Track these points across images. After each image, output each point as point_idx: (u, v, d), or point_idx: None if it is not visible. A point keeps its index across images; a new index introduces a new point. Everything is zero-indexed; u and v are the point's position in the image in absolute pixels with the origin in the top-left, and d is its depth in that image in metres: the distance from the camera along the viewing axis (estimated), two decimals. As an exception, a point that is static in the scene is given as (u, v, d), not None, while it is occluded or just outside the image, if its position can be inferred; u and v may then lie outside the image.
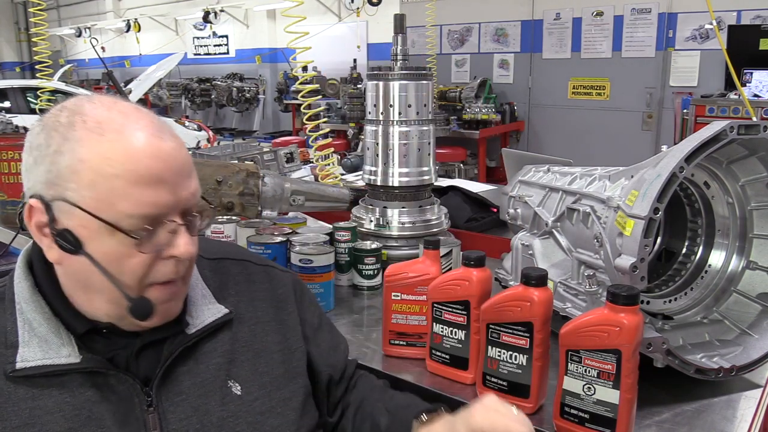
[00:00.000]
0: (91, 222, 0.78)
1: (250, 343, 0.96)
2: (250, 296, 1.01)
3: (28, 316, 0.84)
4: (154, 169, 0.79)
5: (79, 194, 0.78)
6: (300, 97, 2.57)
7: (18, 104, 7.56)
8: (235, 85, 10.03)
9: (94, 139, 0.78)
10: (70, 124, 0.79)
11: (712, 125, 1.03)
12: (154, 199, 0.79)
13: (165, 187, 0.80)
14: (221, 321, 0.93)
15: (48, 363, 0.81)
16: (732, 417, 1.05)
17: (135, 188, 0.78)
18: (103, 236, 0.79)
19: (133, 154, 0.78)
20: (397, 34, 1.77)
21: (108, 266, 0.80)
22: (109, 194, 0.78)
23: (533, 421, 1.03)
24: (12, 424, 0.78)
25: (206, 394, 0.88)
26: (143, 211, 0.79)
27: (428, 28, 6.54)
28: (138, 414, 0.84)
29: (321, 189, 1.97)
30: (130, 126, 0.80)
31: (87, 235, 0.79)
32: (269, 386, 0.94)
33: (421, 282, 1.24)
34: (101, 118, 0.79)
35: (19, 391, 0.80)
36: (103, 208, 0.78)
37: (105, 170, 0.77)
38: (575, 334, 0.96)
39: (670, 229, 1.34)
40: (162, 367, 0.86)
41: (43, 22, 4.16)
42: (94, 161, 0.77)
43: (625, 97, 6.49)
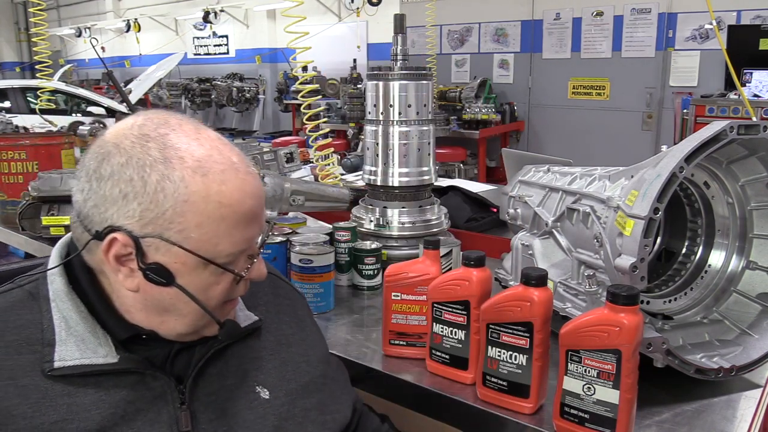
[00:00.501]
0: (189, 258, 0.81)
1: (277, 351, 0.99)
2: (277, 309, 1.05)
3: (65, 314, 0.84)
4: (255, 208, 0.84)
5: (183, 235, 0.80)
6: (300, 97, 2.57)
7: (18, 104, 7.55)
8: (235, 85, 10.02)
9: (198, 181, 0.79)
10: (166, 161, 0.79)
11: (712, 125, 1.03)
12: (250, 236, 0.85)
13: (258, 222, 0.86)
14: (251, 327, 0.97)
15: (86, 363, 0.82)
16: (732, 417, 1.05)
17: (237, 229, 0.82)
18: (197, 269, 0.82)
19: (240, 199, 0.82)
20: (397, 34, 1.77)
21: (197, 294, 0.83)
22: (214, 235, 0.81)
23: (533, 421, 1.04)
24: (50, 419, 0.79)
25: (234, 396, 0.91)
26: (241, 248, 0.84)
27: (428, 28, 6.54)
28: (171, 411, 0.85)
29: (321, 189, 1.97)
30: (229, 166, 0.82)
31: (182, 270, 0.82)
32: (294, 394, 0.96)
33: (421, 282, 1.24)
34: (198, 156, 0.80)
35: (56, 388, 0.81)
36: (204, 247, 0.81)
37: (212, 213, 0.80)
38: (575, 334, 0.96)
39: (670, 229, 1.34)
40: (196, 367, 0.88)
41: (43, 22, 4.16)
42: (200, 204, 0.79)
43: (625, 97, 6.49)
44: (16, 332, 0.83)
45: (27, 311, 0.85)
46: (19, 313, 0.85)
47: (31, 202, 2.02)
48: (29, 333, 0.83)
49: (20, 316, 0.84)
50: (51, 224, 1.96)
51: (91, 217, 0.82)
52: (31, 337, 0.83)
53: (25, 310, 0.85)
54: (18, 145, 2.26)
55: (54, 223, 1.96)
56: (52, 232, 1.97)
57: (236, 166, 0.83)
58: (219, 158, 0.82)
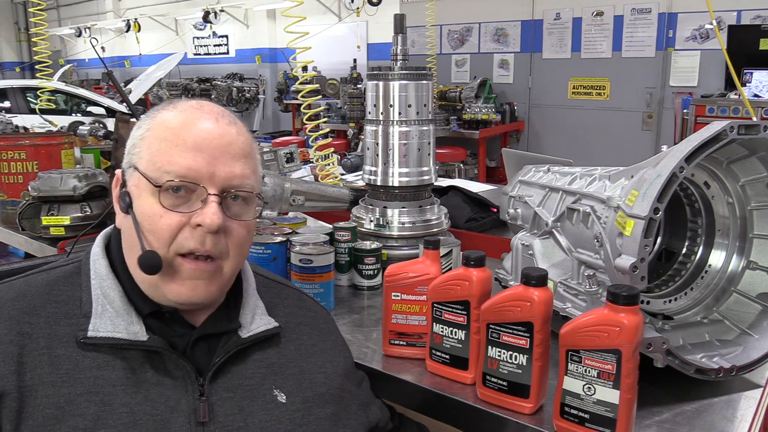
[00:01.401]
0: (141, 180, 0.88)
1: (296, 360, 1.01)
2: (299, 320, 1.08)
3: (105, 291, 0.90)
4: (197, 138, 0.88)
5: (139, 156, 0.90)
6: (300, 97, 2.57)
7: (18, 104, 7.56)
8: (235, 85, 10.03)
9: (164, 112, 0.91)
10: (159, 108, 0.93)
11: (712, 125, 1.03)
12: (189, 163, 0.87)
13: (202, 156, 0.88)
14: (271, 332, 0.99)
15: (118, 336, 0.87)
16: (732, 417, 1.05)
17: (175, 149, 0.88)
18: (146, 195, 0.88)
19: (183, 123, 0.89)
20: (397, 34, 1.77)
21: (143, 224, 0.88)
22: (156, 154, 0.88)
23: (533, 421, 1.04)
24: (77, 390, 0.83)
25: (252, 396, 0.93)
26: (178, 171, 0.87)
27: (428, 28, 6.55)
28: (190, 401, 0.88)
29: (321, 189, 1.97)
30: (196, 107, 0.92)
31: (136, 194, 0.89)
32: (310, 401, 0.98)
33: (421, 282, 1.24)
34: (180, 102, 0.93)
35: (86, 360, 0.85)
36: (150, 167, 0.88)
37: (159, 134, 0.89)
38: (575, 334, 0.96)
39: (670, 229, 1.34)
40: (218, 362, 0.91)
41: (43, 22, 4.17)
42: (156, 128, 0.90)
43: (625, 97, 6.49)
44: (57, 306, 0.89)
45: (69, 287, 0.92)
46: (62, 288, 0.91)
47: (31, 202, 2.02)
48: (69, 308, 0.89)
49: (62, 291, 0.90)
50: (51, 224, 1.96)
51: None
52: (70, 311, 0.88)
53: (68, 286, 0.92)
54: (18, 145, 2.26)
55: (54, 223, 1.96)
56: (52, 232, 1.97)
57: (203, 108, 0.93)
58: (193, 104, 0.93)
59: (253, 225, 0.97)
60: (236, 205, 0.92)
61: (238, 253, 0.94)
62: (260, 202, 0.96)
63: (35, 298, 0.89)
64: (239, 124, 0.94)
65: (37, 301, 0.88)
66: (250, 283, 1.04)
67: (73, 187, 1.96)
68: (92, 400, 0.83)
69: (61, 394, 0.82)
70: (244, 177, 0.92)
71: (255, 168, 0.95)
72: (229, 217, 0.91)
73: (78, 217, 1.97)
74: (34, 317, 0.86)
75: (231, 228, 0.91)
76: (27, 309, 0.87)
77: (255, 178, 0.95)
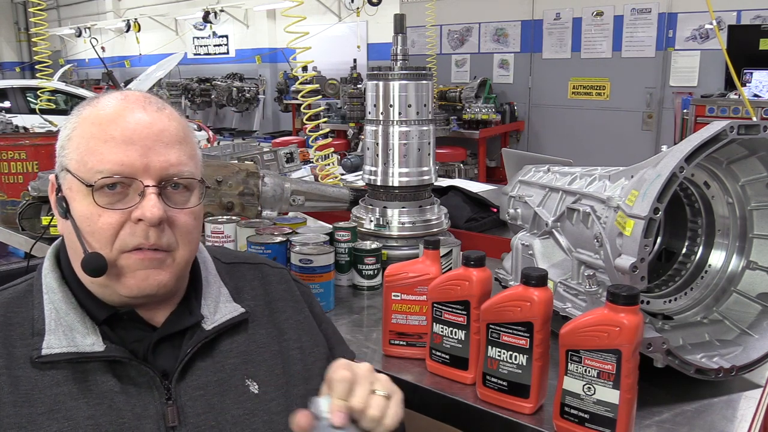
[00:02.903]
0: (74, 182, 0.85)
1: (267, 344, 0.98)
2: (267, 298, 1.03)
3: (56, 305, 0.87)
4: (126, 131, 0.84)
5: (68, 158, 0.86)
6: (300, 97, 2.58)
7: (18, 104, 7.56)
8: (235, 85, 10.02)
9: (88, 109, 0.87)
10: (83, 104, 0.88)
11: (712, 125, 1.03)
12: (120, 158, 0.83)
13: (134, 149, 0.84)
14: (238, 320, 0.96)
15: (73, 350, 0.84)
16: (732, 417, 1.05)
17: (105, 146, 0.84)
18: (81, 197, 0.85)
19: (109, 117, 0.85)
20: (397, 34, 1.77)
21: (82, 226, 0.85)
22: (86, 153, 0.84)
23: (533, 421, 1.04)
24: (38, 410, 0.81)
25: (223, 391, 0.90)
26: (110, 168, 0.83)
27: (428, 28, 6.55)
28: (158, 406, 0.85)
29: (321, 189, 1.97)
30: (120, 99, 0.88)
31: (72, 197, 0.86)
32: (286, 386, 0.95)
33: (421, 282, 1.24)
34: (103, 96, 0.88)
35: (45, 379, 0.83)
36: (81, 168, 0.84)
37: (86, 131, 0.85)
38: (575, 334, 0.96)
39: (670, 229, 1.34)
40: (182, 361, 0.88)
41: (43, 22, 4.17)
42: (81, 126, 0.86)
43: (625, 97, 6.49)
44: (12, 328, 0.86)
45: (23, 308, 0.88)
46: (15, 310, 0.88)
47: (31, 202, 2.02)
48: (23, 329, 0.86)
49: (17, 314, 0.88)
50: (51, 224, 1.96)
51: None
52: (24, 332, 0.86)
53: (21, 307, 0.88)
54: (18, 145, 2.26)
55: (54, 223, 1.96)
56: (52, 232, 1.96)
57: (128, 98, 0.88)
58: (117, 95, 0.89)
59: (199, 211, 0.92)
60: (177, 193, 0.88)
61: (188, 241, 0.89)
62: (202, 186, 0.91)
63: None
64: (169, 109, 0.90)
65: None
66: (210, 270, 0.99)
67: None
68: (54, 418, 0.80)
69: (21, 414, 0.79)
70: (181, 164, 0.87)
71: (192, 153, 0.90)
72: (171, 206, 0.87)
73: (78, 217, 1.97)
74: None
75: (175, 218, 0.87)
76: None
77: (194, 164, 0.90)
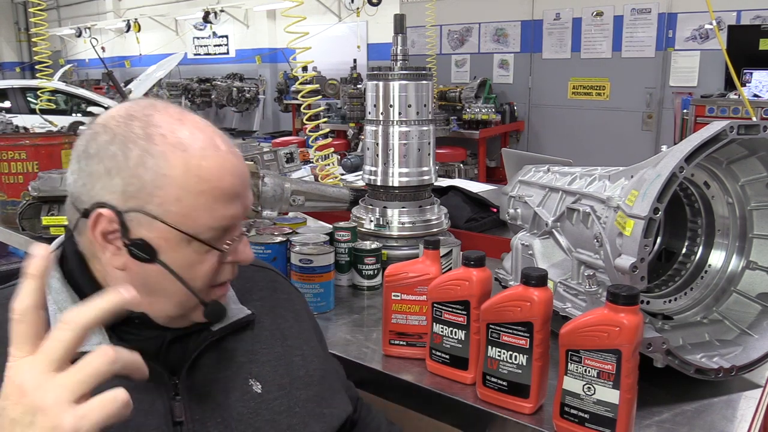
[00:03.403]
0: (171, 233, 0.82)
1: (271, 346, 1.00)
2: (272, 303, 1.06)
3: (60, 305, 0.86)
4: (236, 186, 0.85)
5: (163, 208, 0.81)
6: (300, 97, 2.57)
7: (18, 104, 7.56)
8: (235, 85, 10.02)
9: (178, 155, 0.81)
10: (149, 137, 0.81)
11: (712, 125, 1.03)
12: (232, 213, 0.85)
13: (240, 201, 0.87)
14: (244, 321, 0.97)
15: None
16: (732, 417, 1.05)
17: (217, 204, 0.83)
18: (180, 246, 0.83)
19: (214, 172, 0.83)
20: (397, 34, 1.77)
21: (181, 273, 0.84)
22: (193, 209, 0.82)
23: (533, 421, 1.04)
24: None
25: (228, 389, 0.91)
26: (222, 224, 0.85)
27: (428, 28, 6.55)
28: (165, 401, 0.86)
29: (321, 189, 1.97)
30: (210, 143, 0.84)
31: (164, 246, 0.83)
32: (288, 387, 0.97)
33: (421, 282, 1.24)
34: (180, 134, 0.83)
35: None
36: (185, 221, 0.82)
37: (192, 187, 0.81)
38: (575, 334, 0.96)
39: (670, 229, 1.34)
40: (190, 359, 0.89)
41: (43, 22, 4.16)
42: (180, 178, 0.81)
43: (625, 97, 6.49)
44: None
45: None
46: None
47: (31, 202, 2.02)
48: None
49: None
50: (51, 224, 1.96)
51: (80, 196, 0.84)
52: None
53: None
54: (18, 145, 2.26)
55: (54, 223, 1.96)
56: (52, 232, 1.97)
57: (217, 144, 0.86)
58: (200, 136, 0.84)
59: None
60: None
61: None
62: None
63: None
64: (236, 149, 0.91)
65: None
66: None
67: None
68: None
69: None
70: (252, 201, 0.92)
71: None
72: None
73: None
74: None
75: None
76: None
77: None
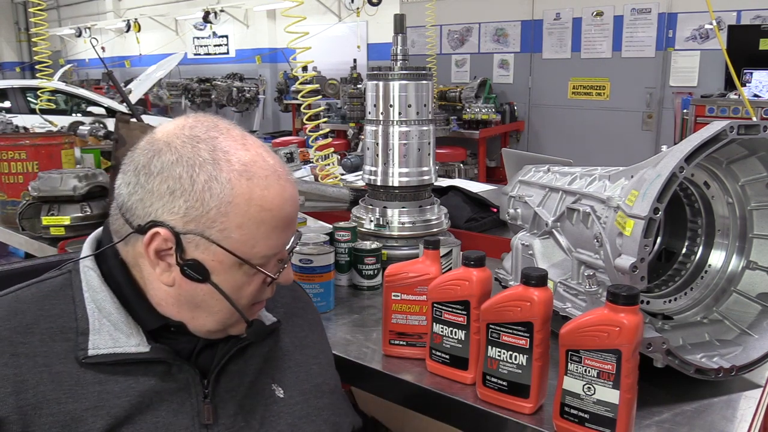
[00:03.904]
0: (226, 257, 0.84)
1: (291, 353, 1.02)
2: (293, 312, 1.08)
3: (100, 304, 0.87)
4: (292, 214, 0.89)
5: (223, 234, 0.83)
6: (300, 97, 2.57)
7: (18, 104, 7.56)
8: (235, 85, 10.02)
9: (243, 184, 0.83)
10: (215, 162, 0.82)
11: (712, 125, 1.03)
12: (284, 241, 0.89)
13: (292, 228, 0.90)
14: (270, 328, 0.99)
15: (119, 351, 0.85)
16: (732, 417, 1.05)
17: (274, 233, 0.86)
18: (233, 269, 0.85)
19: (280, 204, 0.85)
20: (397, 34, 1.77)
21: (229, 293, 0.86)
22: (252, 237, 0.84)
23: (533, 421, 1.04)
24: (82, 405, 0.82)
25: (252, 393, 0.94)
26: (275, 252, 0.88)
27: (428, 28, 6.55)
28: (194, 403, 0.88)
29: (321, 189, 1.97)
30: (272, 172, 0.86)
31: (218, 268, 0.85)
32: (308, 393, 1.00)
33: (421, 282, 1.24)
34: (245, 160, 0.84)
35: (87, 376, 0.84)
36: (242, 248, 0.84)
37: (254, 216, 0.83)
38: (575, 334, 0.96)
39: (670, 229, 1.34)
40: (219, 363, 0.91)
41: (43, 22, 4.16)
42: (243, 207, 0.83)
43: (625, 97, 6.49)
44: (51, 320, 0.86)
45: (61, 301, 0.88)
46: (53, 302, 0.88)
47: (31, 202, 2.02)
48: (63, 322, 0.86)
49: (54, 306, 0.87)
50: (51, 224, 1.96)
51: (134, 210, 0.84)
52: (65, 326, 0.86)
53: (59, 300, 0.88)
54: (18, 145, 2.26)
55: (54, 223, 1.96)
56: (52, 232, 1.97)
57: (278, 173, 0.87)
58: (263, 164, 0.85)
59: None
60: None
61: None
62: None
63: (26, 315, 0.85)
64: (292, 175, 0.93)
65: (29, 318, 0.85)
66: None
67: (73, 187, 1.96)
68: (99, 414, 0.82)
69: (66, 411, 0.81)
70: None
71: None
72: None
73: (78, 217, 1.97)
74: (28, 336, 0.83)
75: None
76: (19, 328, 0.84)
77: None
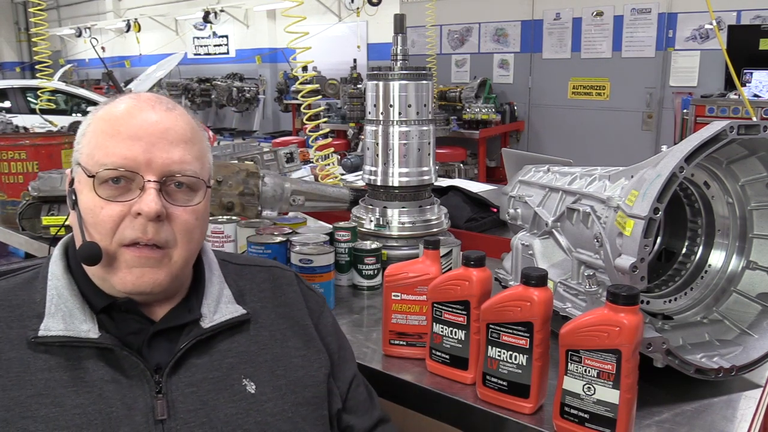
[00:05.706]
0: (82, 175, 0.89)
1: (270, 346, 0.99)
2: (275, 302, 1.04)
3: (58, 291, 0.90)
4: (133, 127, 0.88)
5: (81, 153, 0.90)
6: (300, 97, 2.58)
7: (18, 104, 7.56)
8: (235, 85, 10.02)
9: (104, 107, 0.92)
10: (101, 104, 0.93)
11: (712, 125, 1.03)
12: (124, 152, 0.87)
13: (139, 144, 0.88)
14: (237, 320, 0.97)
15: (68, 335, 0.86)
16: (732, 417, 1.05)
17: (111, 140, 0.88)
18: (87, 189, 0.88)
19: (119, 114, 0.89)
20: (397, 34, 1.77)
21: (86, 217, 0.88)
22: (94, 147, 0.89)
23: (533, 421, 1.04)
24: (27, 392, 0.82)
25: (217, 389, 0.91)
26: (114, 161, 0.87)
27: (428, 28, 6.55)
28: (147, 399, 0.86)
29: (321, 189, 1.97)
30: (132, 99, 0.92)
31: (80, 189, 0.90)
32: (284, 389, 0.96)
33: (421, 282, 1.24)
34: (120, 96, 0.92)
35: (38, 362, 0.85)
36: (89, 161, 0.88)
37: (97, 128, 0.90)
38: (575, 334, 0.96)
39: (670, 229, 1.34)
40: (175, 356, 0.89)
41: (43, 22, 4.17)
42: (94, 123, 0.91)
43: (625, 97, 6.49)
44: (10, 310, 0.89)
45: (25, 291, 0.92)
46: (18, 293, 0.91)
47: (31, 202, 2.02)
48: (22, 311, 0.88)
49: (18, 296, 0.91)
50: (51, 224, 1.96)
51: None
52: (24, 314, 0.88)
53: (24, 290, 0.92)
54: (18, 145, 2.26)
55: (54, 223, 1.96)
56: (52, 232, 1.97)
57: (140, 99, 0.92)
58: (132, 95, 0.92)
59: (202, 211, 0.94)
60: (180, 192, 0.91)
61: (187, 240, 0.91)
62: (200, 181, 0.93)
63: None
64: (179, 110, 0.93)
65: None
66: (213, 271, 1.01)
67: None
68: (43, 402, 0.81)
69: (10, 397, 0.81)
70: (184, 162, 0.90)
71: (199, 154, 0.93)
72: (172, 203, 0.89)
73: (78, 217, 1.97)
74: None
75: (174, 215, 0.90)
76: None
77: (199, 164, 0.93)
